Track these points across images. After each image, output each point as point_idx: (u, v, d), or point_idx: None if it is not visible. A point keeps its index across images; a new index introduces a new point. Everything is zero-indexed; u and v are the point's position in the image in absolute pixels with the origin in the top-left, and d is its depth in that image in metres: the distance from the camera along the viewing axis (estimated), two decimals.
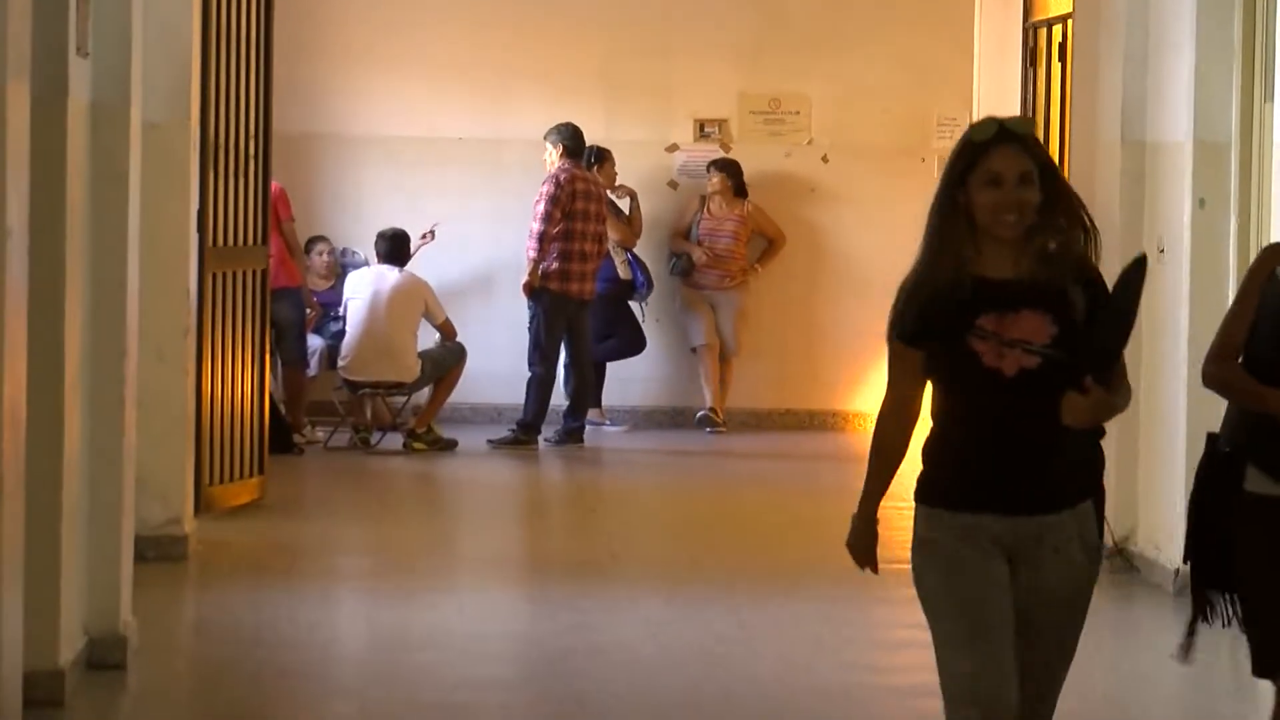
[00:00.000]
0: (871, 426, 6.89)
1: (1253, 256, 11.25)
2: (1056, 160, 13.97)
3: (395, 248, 16.85)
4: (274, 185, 14.76)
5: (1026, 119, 6.35)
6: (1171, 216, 11.62)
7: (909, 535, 6.35)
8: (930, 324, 6.34)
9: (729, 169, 18.28)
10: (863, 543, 6.72)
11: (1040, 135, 14.41)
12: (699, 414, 18.14)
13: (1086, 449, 6.42)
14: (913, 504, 6.60)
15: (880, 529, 6.54)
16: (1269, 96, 10.71)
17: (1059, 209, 6.37)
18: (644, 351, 18.27)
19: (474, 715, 9.10)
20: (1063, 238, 6.39)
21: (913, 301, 6.41)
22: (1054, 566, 6.44)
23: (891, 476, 6.67)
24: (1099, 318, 6.32)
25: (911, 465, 6.51)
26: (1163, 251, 11.69)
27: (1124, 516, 12.00)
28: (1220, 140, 11.37)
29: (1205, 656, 10.37)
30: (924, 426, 6.68)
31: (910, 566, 6.52)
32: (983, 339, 6.26)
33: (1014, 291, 6.26)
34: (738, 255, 18.30)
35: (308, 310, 16.95)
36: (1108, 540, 12.02)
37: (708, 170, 18.29)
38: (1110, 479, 11.94)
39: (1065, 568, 6.49)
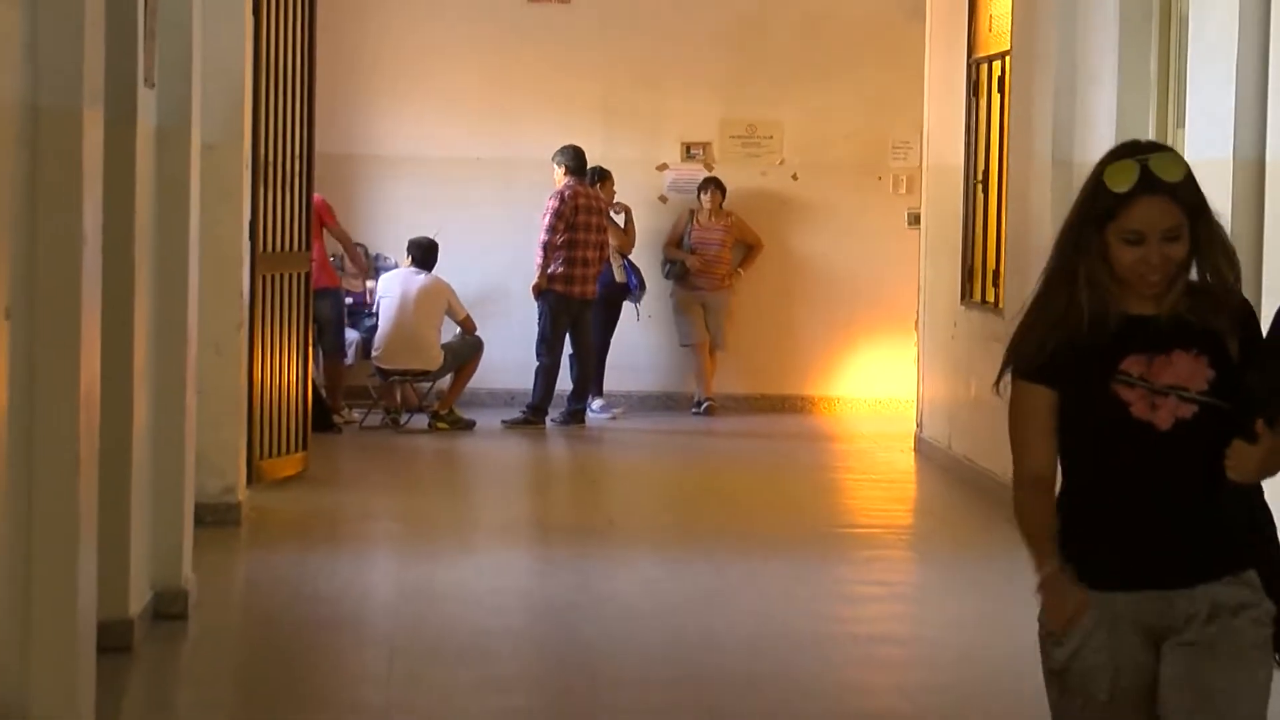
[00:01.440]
0: (834, 406, 6.26)
1: None
2: (996, 178, 14.01)
3: (425, 254, 16.85)
4: (316, 197, 14.76)
5: (1174, 158, 4.80)
6: None
7: (871, 503, 6.26)
8: (1063, 366, 4.95)
9: (719, 186, 18.30)
10: (1065, 599, 4.95)
11: (983, 158, 14.41)
12: (702, 403, 18.12)
13: (1250, 506, 4.91)
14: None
15: (844, 498, 6.14)
16: (1180, 123, 10.64)
17: (1208, 252, 4.90)
18: (638, 342, 18.30)
19: (490, 659, 9.03)
20: (1213, 273, 4.91)
21: (1038, 336, 5.02)
22: (1221, 640, 4.87)
23: (1054, 537, 4.93)
24: (1263, 357, 4.91)
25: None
26: None
27: None
28: None
29: None
30: None
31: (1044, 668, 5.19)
32: (1130, 385, 4.87)
33: (1163, 330, 4.87)
34: (724, 260, 18.32)
35: (346, 303, 16.98)
36: None
37: (701, 188, 18.28)
38: None
39: (1232, 640, 4.88)
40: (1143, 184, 4.87)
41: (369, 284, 17.42)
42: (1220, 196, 9.55)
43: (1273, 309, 9.12)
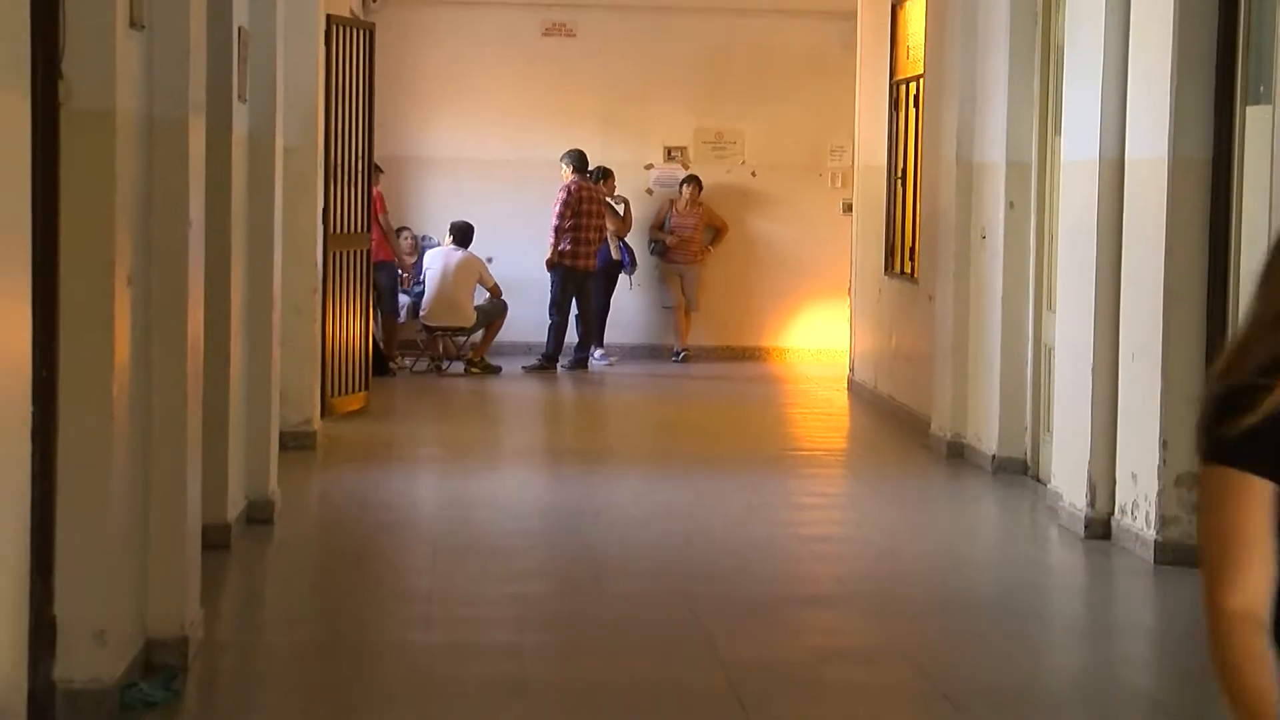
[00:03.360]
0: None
1: (1048, 246, 11.33)
2: (912, 174, 14.02)
3: (462, 235, 16.85)
4: (375, 191, 14.75)
5: None
6: (990, 214, 11.55)
7: (813, 431, 6.22)
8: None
9: (696, 182, 18.33)
10: None
11: (901, 159, 14.41)
12: (680, 353, 18.21)
13: None
14: None
15: (791, 427, 6.00)
16: (1057, 131, 10.64)
17: None
18: (630, 305, 18.29)
19: (512, 553, 9.06)
20: None
21: (1246, 406, 2.67)
22: None
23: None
24: None
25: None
26: (984, 237, 11.63)
27: (957, 418, 11.95)
28: (1024, 161, 11.31)
29: (1014, 511, 10.39)
30: None
31: None
32: None
33: None
34: (697, 240, 18.35)
35: (399, 274, 16.94)
36: (944, 435, 12.15)
37: (682, 182, 18.36)
38: (947, 392, 12.05)
39: None
40: None
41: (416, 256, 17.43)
42: (1089, 189, 9.61)
43: (1134, 283, 9.18)
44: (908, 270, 14.03)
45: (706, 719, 6.24)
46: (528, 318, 17.31)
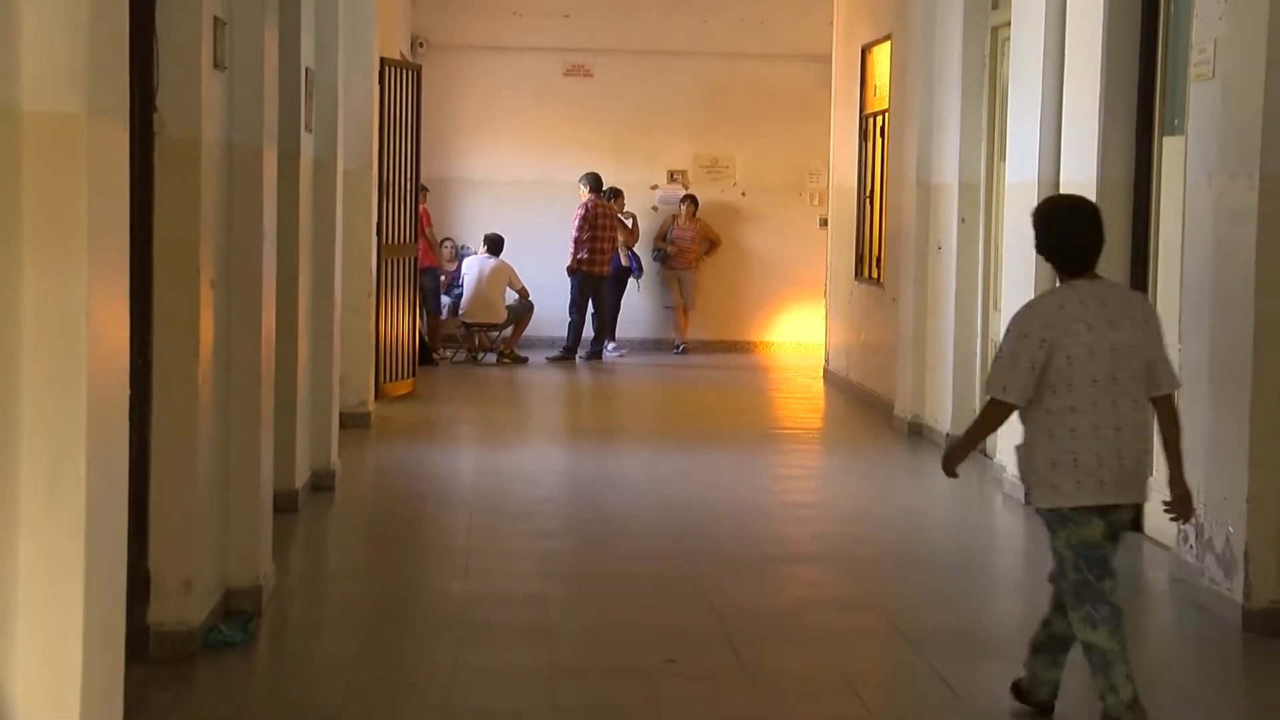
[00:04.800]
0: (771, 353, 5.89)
1: (993, 251, 11.33)
2: (878, 195, 14.01)
3: (495, 245, 16.85)
4: (421, 208, 14.76)
5: None
6: (945, 228, 11.54)
7: (793, 413, 6.25)
8: None
9: (693, 200, 18.30)
10: None
11: (869, 181, 14.39)
12: (679, 346, 18.20)
13: None
14: None
15: (774, 409, 6.06)
16: (1002, 157, 10.63)
17: None
18: (637, 305, 18.24)
19: (538, 515, 9.06)
20: None
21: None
22: None
23: None
24: None
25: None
26: (940, 248, 11.62)
27: (916, 402, 11.95)
28: (974, 182, 11.29)
29: (965, 481, 10.39)
30: None
31: None
32: None
33: None
34: (694, 250, 18.32)
35: (441, 278, 16.92)
36: (906, 416, 12.14)
37: (682, 201, 18.33)
38: (908, 379, 12.04)
39: None
40: None
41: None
42: (1029, 209, 9.57)
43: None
44: (875, 276, 14.02)
45: (702, 658, 6.24)
46: (551, 316, 17.31)
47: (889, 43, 13.55)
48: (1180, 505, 5.31)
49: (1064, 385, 5.14)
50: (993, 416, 5.27)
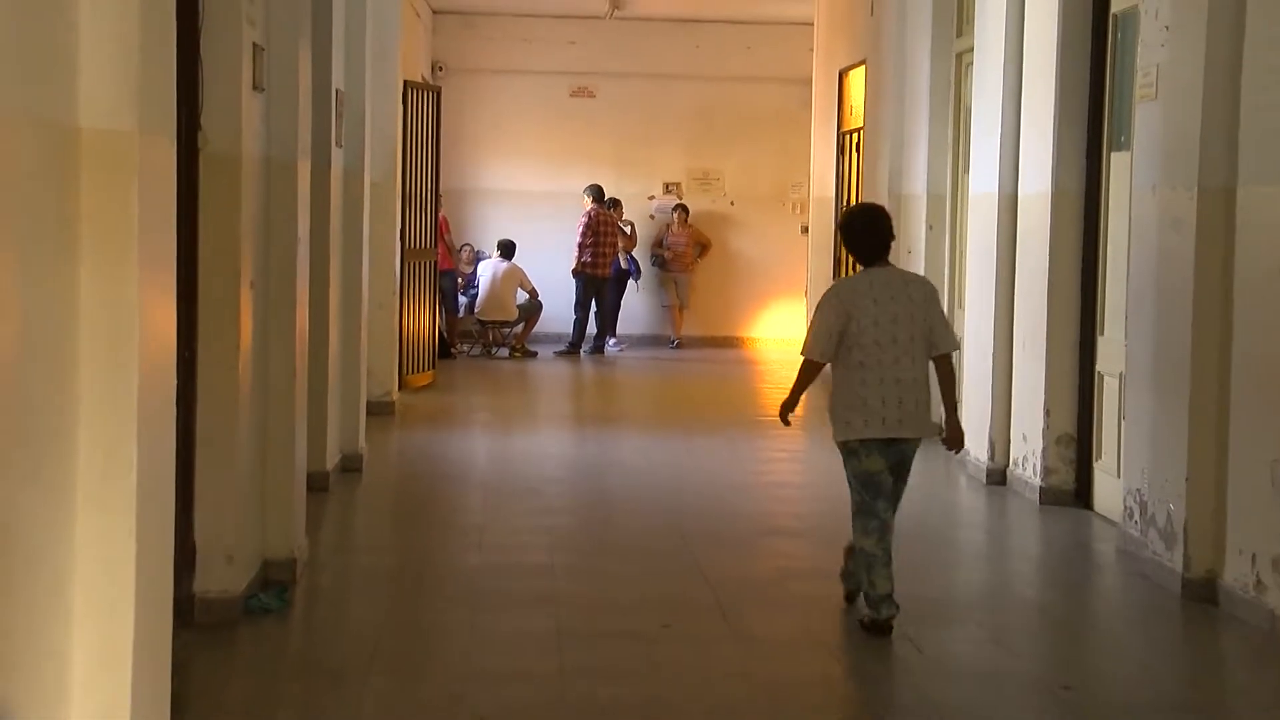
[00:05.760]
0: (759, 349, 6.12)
1: (959, 260, 11.35)
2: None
3: (507, 249, 16.86)
4: (441, 216, 14.77)
5: None
6: (915, 235, 11.55)
7: (776, 402, 6.25)
8: None
9: (686, 209, 18.31)
10: None
11: (846, 192, 14.40)
12: (674, 341, 18.20)
13: None
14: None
15: (759, 398, 6.15)
16: (966, 170, 10.63)
17: None
18: (636, 304, 18.23)
19: (543, 495, 9.07)
20: None
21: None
22: None
23: None
24: None
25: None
26: (910, 253, 11.62)
27: None
28: (941, 193, 11.30)
29: (931, 463, 10.41)
30: None
31: None
32: None
33: None
34: (688, 254, 18.35)
35: (458, 280, 16.91)
36: None
37: (675, 209, 18.34)
38: None
39: None
40: None
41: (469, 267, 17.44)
42: (990, 216, 9.60)
43: (1024, 288, 9.17)
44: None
45: (694, 622, 6.25)
46: (558, 314, 17.34)
47: (864, 67, 13.55)
48: (952, 441, 6.23)
49: (857, 346, 6.02)
50: (807, 372, 6.16)
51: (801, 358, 6.17)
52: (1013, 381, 9.32)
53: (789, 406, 6.25)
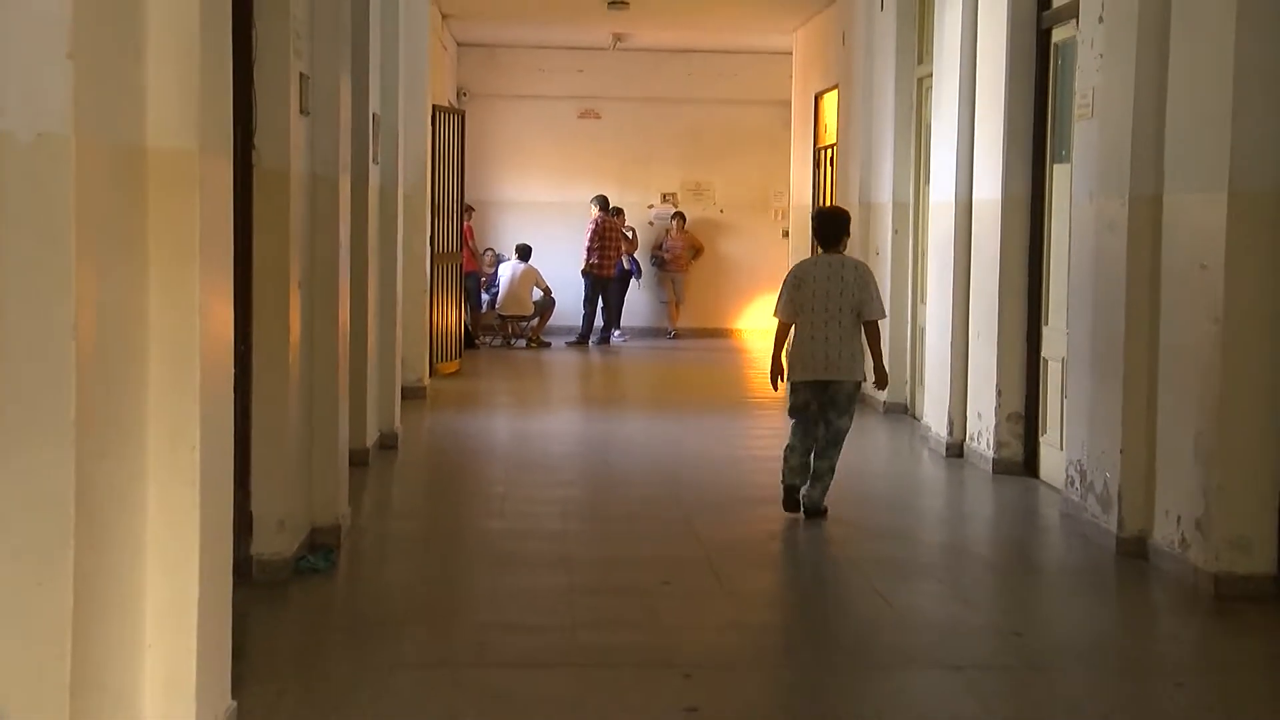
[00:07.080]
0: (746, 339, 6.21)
1: (921, 259, 11.34)
2: None
3: (524, 252, 16.86)
4: (466, 224, 14.77)
5: None
6: (882, 238, 11.55)
7: (762, 386, 6.33)
8: None
9: (682, 216, 18.28)
10: None
11: (821, 200, 14.38)
12: (671, 333, 18.21)
13: None
14: None
15: (747, 382, 6.17)
16: (926, 180, 10.64)
17: None
18: (638, 300, 18.20)
19: (557, 468, 9.08)
20: None
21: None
22: None
23: None
24: None
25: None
26: (878, 253, 11.62)
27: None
28: (905, 201, 11.31)
29: (897, 438, 10.40)
30: None
31: None
32: None
33: None
34: (684, 256, 18.35)
35: (481, 279, 16.90)
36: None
37: (673, 217, 18.31)
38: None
39: None
40: None
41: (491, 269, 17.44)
42: (948, 220, 9.60)
43: (978, 284, 9.17)
44: None
45: (691, 580, 6.27)
46: (568, 309, 17.35)
47: (836, 90, 13.54)
48: (879, 382, 7.27)
49: (806, 311, 7.14)
50: (779, 331, 7.25)
51: (775, 319, 7.30)
52: (968, 366, 9.33)
53: (775, 367, 7.21)
